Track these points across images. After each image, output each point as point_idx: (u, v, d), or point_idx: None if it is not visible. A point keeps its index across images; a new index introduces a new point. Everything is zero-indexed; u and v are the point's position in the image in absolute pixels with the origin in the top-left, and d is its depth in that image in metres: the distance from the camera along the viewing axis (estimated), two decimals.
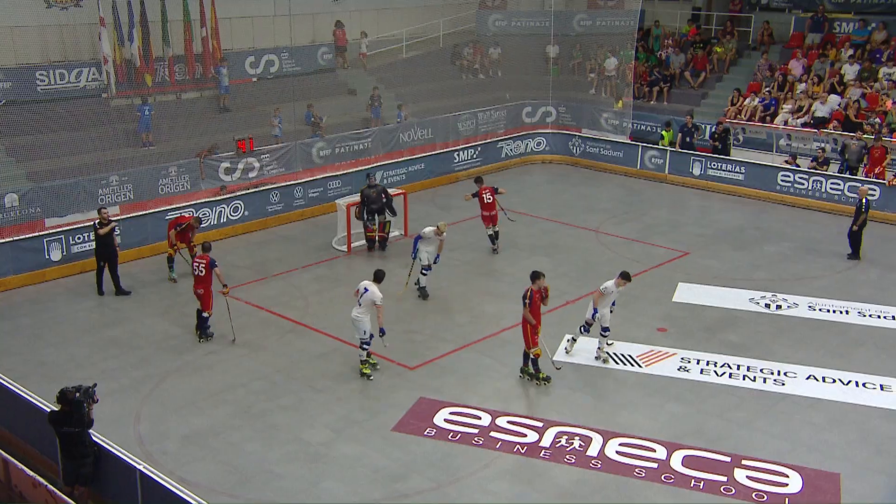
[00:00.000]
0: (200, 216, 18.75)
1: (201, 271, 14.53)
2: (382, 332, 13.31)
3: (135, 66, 21.99)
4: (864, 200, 18.45)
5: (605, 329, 13.89)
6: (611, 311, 13.98)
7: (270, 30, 25.26)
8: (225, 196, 20.56)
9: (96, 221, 16.48)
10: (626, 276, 13.72)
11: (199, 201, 19.99)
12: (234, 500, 10.43)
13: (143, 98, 22.24)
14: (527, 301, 12.97)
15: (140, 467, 9.38)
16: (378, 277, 13.57)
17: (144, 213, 19.19)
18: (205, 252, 14.83)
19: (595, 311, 13.77)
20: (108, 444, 9.94)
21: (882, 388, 13.13)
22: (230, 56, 23.99)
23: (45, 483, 9.17)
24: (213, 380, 13.52)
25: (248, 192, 21.04)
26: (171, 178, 20.57)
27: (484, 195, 18.81)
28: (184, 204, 19.69)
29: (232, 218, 20.40)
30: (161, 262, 17.80)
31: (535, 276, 13.20)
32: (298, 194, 21.70)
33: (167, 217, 18.54)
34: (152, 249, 18.68)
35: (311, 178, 22.24)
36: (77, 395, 9.88)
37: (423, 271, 16.71)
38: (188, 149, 21.49)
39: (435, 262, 16.80)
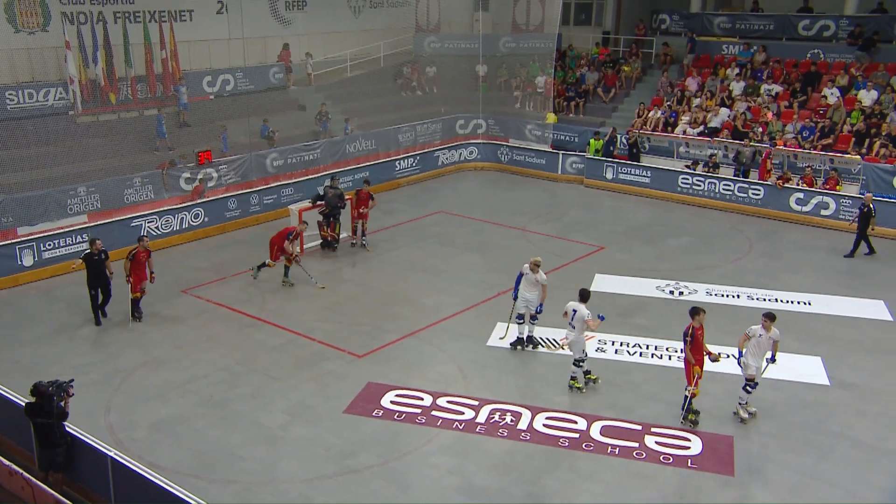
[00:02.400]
0: (305, 222, 17.91)
1: (132, 258, 14.91)
2: (601, 317, 12.13)
3: (99, 86, 21.42)
4: (871, 206, 18.63)
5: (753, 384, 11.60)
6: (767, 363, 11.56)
7: (226, 51, 24.85)
8: (186, 204, 20.14)
9: (84, 252, 15.08)
10: (770, 317, 11.42)
11: (162, 209, 19.55)
12: (199, 481, 10.22)
13: (157, 109, 22.37)
14: (688, 338, 11.36)
15: (111, 454, 9.13)
16: (584, 297, 12.33)
17: (111, 220, 18.68)
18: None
19: (741, 353, 11.62)
20: (80, 433, 9.65)
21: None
22: (188, 76, 23.52)
23: (21, 471, 8.87)
24: (178, 372, 13.23)
25: (210, 199, 20.63)
26: (136, 187, 20.06)
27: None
28: (148, 212, 19.25)
29: (193, 224, 19.98)
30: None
31: (695, 311, 11.37)
32: (254, 201, 21.38)
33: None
34: (118, 254, 18.12)
35: (266, 187, 21.93)
36: (50, 388, 9.60)
37: (516, 320, 13.92)
38: (152, 161, 21.02)
39: (538, 313, 13.75)
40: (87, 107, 21.34)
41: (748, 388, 11.54)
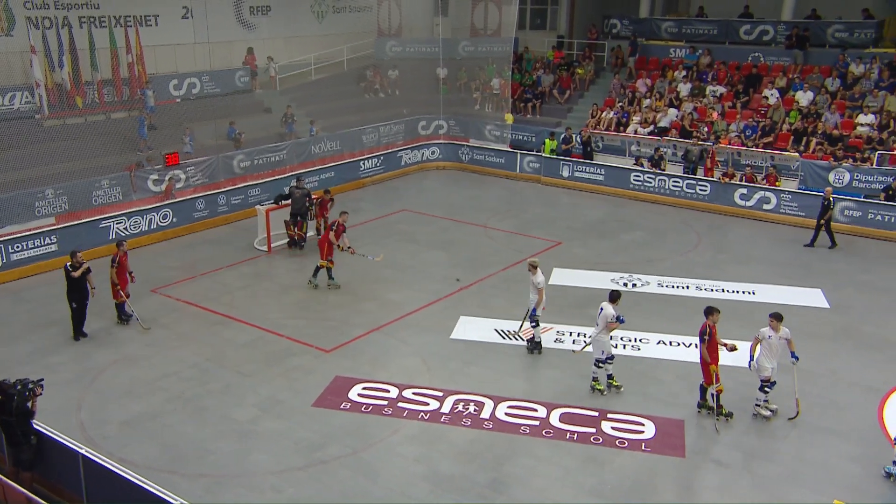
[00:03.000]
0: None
1: (117, 264, 14.44)
2: (621, 319, 11.84)
3: (66, 90, 20.93)
4: (831, 199, 18.95)
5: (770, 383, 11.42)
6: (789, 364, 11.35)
7: (191, 55, 24.47)
8: (154, 205, 19.77)
9: (68, 264, 13.96)
10: (777, 317, 11.25)
11: (131, 210, 19.17)
12: (171, 476, 10.07)
13: (139, 110, 22.00)
14: (705, 337, 11.21)
15: (82, 451, 8.92)
16: (612, 297, 12.02)
17: (79, 222, 18.28)
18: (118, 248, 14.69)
19: (751, 357, 11.40)
20: (51, 431, 9.42)
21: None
22: (155, 79, 23.11)
23: None
24: (148, 370, 13.00)
25: (178, 200, 20.29)
26: (104, 189, 19.63)
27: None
28: (117, 213, 18.86)
29: (162, 224, 19.64)
30: (98, 266, 16.95)
31: (710, 310, 11.31)
32: (222, 201, 21.08)
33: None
34: (88, 255, 17.71)
35: (234, 187, 21.64)
36: (18, 386, 9.36)
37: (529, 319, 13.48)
38: (119, 163, 20.59)
39: (532, 314, 13.36)
40: (54, 110, 20.89)
41: (765, 388, 11.36)
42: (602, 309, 12.00)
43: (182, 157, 21.32)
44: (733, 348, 11.46)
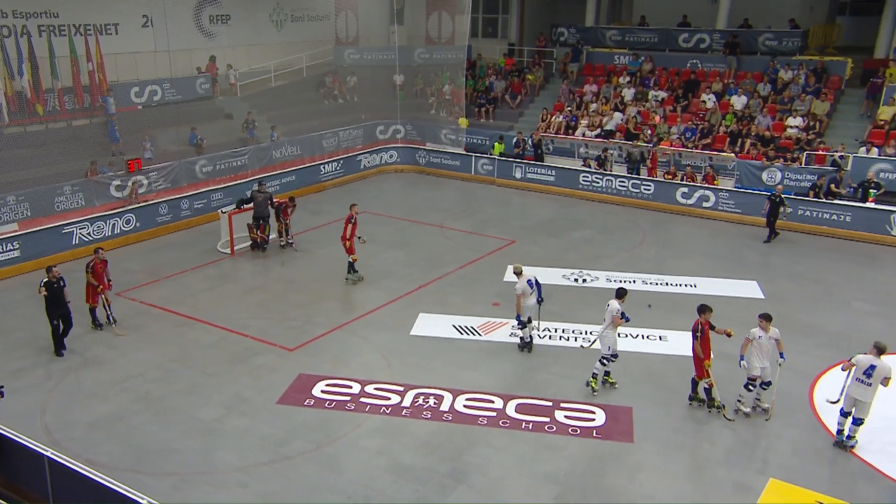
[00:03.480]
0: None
1: (91, 270, 14.06)
2: (626, 317, 11.76)
3: (26, 98, 20.31)
4: (781, 196, 19.37)
5: (766, 384, 11.34)
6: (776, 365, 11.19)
7: (152, 63, 23.96)
8: (117, 210, 19.32)
9: (43, 281, 13.04)
10: (766, 317, 11.16)
11: (94, 215, 18.70)
12: (138, 475, 9.86)
13: (101, 117, 21.44)
14: (698, 334, 11.20)
15: (48, 454, 8.69)
16: (618, 294, 11.95)
17: (42, 228, 17.74)
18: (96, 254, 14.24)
19: (742, 357, 11.32)
20: (15, 435, 9.12)
21: (660, 338, 14.02)
22: (116, 87, 22.58)
23: None
24: (114, 372, 12.71)
25: (141, 205, 19.85)
26: (66, 195, 19.11)
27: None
28: (80, 218, 18.38)
29: (125, 229, 19.20)
30: (64, 270, 16.52)
31: (703, 309, 11.26)
32: (185, 206, 20.69)
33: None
34: (51, 260, 17.28)
35: (197, 192, 21.26)
36: None
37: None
38: (82, 169, 20.06)
39: (517, 320, 13.28)
40: (15, 118, 20.24)
41: (750, 387, 11.31)
42: (609, 305, 11.96)
43: (144, 164, 20.87)
44: (730, 334, 11.24)
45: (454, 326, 14.44)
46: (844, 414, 10.60)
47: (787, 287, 16.60)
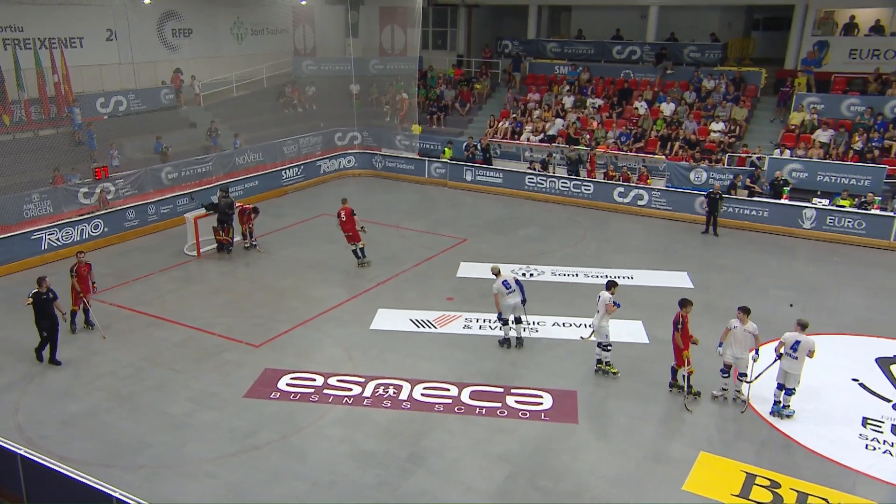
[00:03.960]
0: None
1: (76, 273, 13.55)
2: (617, 304, 11.80)
3: None
4: (719, 193, 20.03)
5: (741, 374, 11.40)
6: (754, 360, 11.24)
7: (117, 75, 23.33)
8: (84, 216, 18.75)
9: (32, 292, 12.38)
10: (744, 310, 11.27)
11: (62, 221, 18.12)
12: (110, 469, 9.62)
13: (87, 125, 20.88)
14: (678, 325, 11.31)
15: (20, 452, 8.44)
16: (609, 286, 12.01)
17: (10, 234, 17.14)
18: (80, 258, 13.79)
19: (720, 344, 11.44)
20: None
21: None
22: (82, 98, 21.93)
23: None
24: (85, 371, 12.36)
25: (109, 210, 19.30)
26: (35, 203, 18.47)
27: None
28: (47, 225, 17.78)
29: (93, 234, 18.65)
30: (33, 274, 15.96)
31: (684, 302, 11.40)
32: (152, 211, 20.20)
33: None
34: (21, 265, 16.77)
35: (163, 197, 20.77)
36: None
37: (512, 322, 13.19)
38: (50, 178, 19.41)
39: (499, 318, 13.18)
40: None
41: (722, 374, 11.45)
42: (599, 297, 12.06)
43: (111, 171, 20.29)
44: (696, 342, 11.40)
45: (411, 320, 14.44)
46: (780, 387, 11.11)
47: (712, 277, 17.06)
